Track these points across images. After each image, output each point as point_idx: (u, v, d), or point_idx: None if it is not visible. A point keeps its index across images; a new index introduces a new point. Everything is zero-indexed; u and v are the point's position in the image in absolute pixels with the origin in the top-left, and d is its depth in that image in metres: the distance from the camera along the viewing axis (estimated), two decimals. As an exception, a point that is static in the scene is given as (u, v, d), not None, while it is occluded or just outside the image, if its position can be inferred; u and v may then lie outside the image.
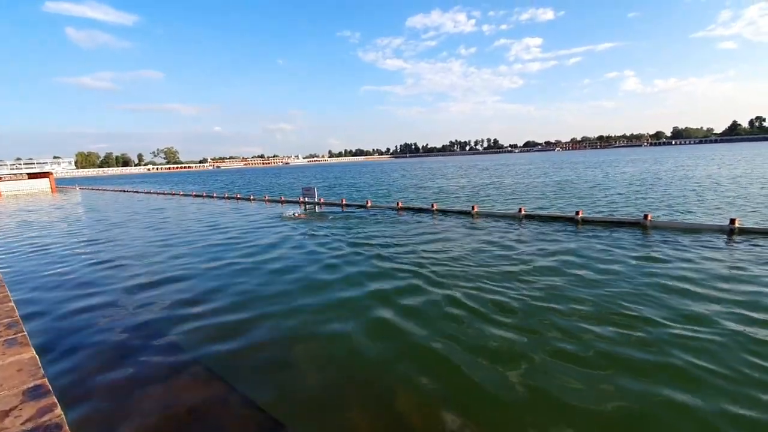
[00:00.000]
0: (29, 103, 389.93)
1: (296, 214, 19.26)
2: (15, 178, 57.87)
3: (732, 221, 10.26)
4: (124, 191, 46.67)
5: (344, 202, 20.57)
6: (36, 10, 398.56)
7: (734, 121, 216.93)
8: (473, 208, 15.21)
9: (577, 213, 12.45)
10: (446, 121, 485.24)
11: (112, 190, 50.03)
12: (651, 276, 7.41)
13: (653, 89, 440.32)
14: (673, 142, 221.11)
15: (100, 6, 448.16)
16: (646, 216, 11.49)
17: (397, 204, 19.01)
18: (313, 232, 13.27)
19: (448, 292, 7.07)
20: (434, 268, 8.40)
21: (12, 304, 2.90)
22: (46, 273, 9.77)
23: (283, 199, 25.26)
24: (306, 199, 22.72)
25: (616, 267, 8.02)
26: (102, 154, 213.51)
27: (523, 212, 13.83)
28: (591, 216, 12.89)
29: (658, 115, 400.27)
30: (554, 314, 5.96)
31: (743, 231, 10.08)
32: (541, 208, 16.20)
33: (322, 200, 21.60)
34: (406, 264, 8.83)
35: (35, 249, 12.78)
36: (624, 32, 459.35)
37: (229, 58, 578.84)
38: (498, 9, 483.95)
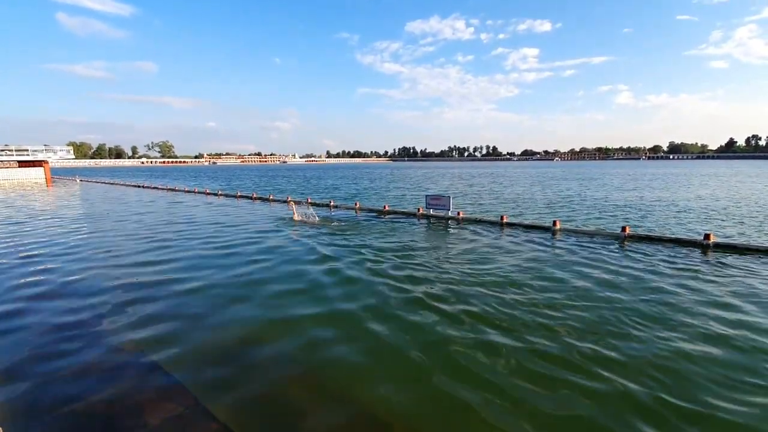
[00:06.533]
0: (16, 89, 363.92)
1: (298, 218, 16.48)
2: (3, 165, 50.41)
3: None
4: (140, 186, 40.13)
5: (505, 220, 14.92)
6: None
7: (731, 139, 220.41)
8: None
9: None
10: (442, 127, 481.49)
11: (122, 185, 43.20)
12: None
13: (645, 104, 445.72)
14: (671, 157, 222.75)
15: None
16: None
17: (554, 223, 13.96)
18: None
19: None
20: None
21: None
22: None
23: (387, 207, 19.46)
24: (432, 212, 17.43)
25: None
26: (93, 145, 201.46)
27: None
28: None
29: (648, 130, 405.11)
30: None
31: None
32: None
33: (461, 214, 16.23)
34: None
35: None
36: (619, 47, 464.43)
37: (224, 54, 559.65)
38: (496, 18, 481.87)
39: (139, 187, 40.41)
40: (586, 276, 8.27)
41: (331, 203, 21.81)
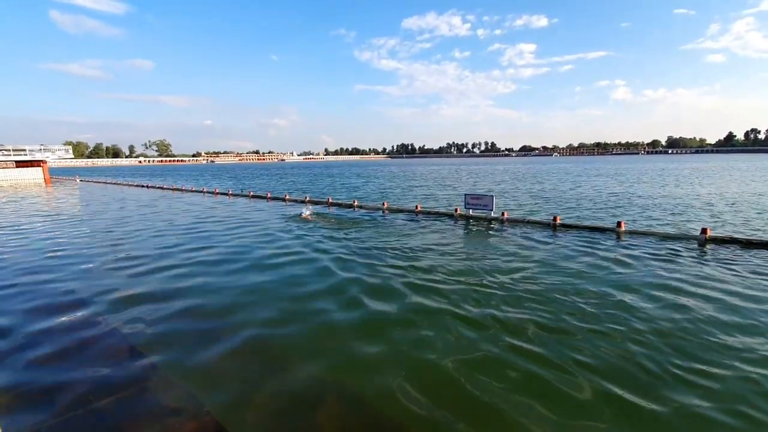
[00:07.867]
0: (9, 89, 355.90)
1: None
2: (0, 165, 48.78)
3: None
4: (144, 186, 38.70)
5: (558, 222, 13.84)
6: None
7: (730, 132, 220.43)
8: None
9: None
10: (440, 124, 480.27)
11: (125, 185, 41.66)
12: None
13: (642, 99, 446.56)
14: (670, 151, 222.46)
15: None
16: None
17: (619, 225, 12.91)
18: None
19: None
20: None
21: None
22: None
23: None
24: (471, 212, 16.34)
25: None
26: (90, 144, 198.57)
27: None
28: None
29: (646, 125, 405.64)
30: None
31: None
32: None
33: (505, 214, 15.13)
34: None
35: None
36: (616, 42, 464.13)
37: (220, 52, 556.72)
38: (493, 14, 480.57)
39: (142, 186, 39.01)
40: (691, 298, 7.23)
41: (355, 203, 20.69)
